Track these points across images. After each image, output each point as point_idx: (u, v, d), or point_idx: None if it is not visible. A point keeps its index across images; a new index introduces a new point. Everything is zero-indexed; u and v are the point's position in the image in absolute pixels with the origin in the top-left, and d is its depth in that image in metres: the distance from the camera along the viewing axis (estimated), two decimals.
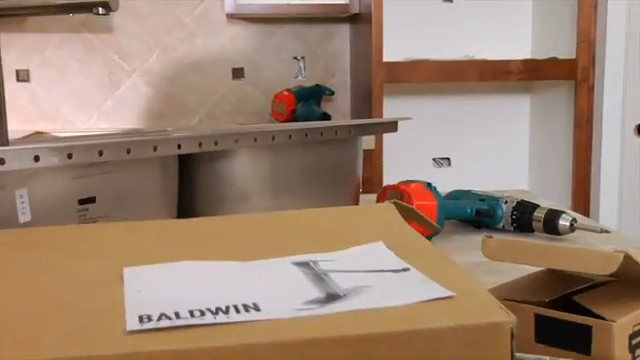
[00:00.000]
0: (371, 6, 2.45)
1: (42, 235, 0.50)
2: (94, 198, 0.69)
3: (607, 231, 1.06)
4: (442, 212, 1.08)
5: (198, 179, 0.84)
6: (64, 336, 0.32)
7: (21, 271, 0.42)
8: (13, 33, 2.80)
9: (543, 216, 1.10)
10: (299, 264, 0.41)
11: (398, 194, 1.09)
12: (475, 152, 2.92)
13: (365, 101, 2.61)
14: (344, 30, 2.90)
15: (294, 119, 2.63)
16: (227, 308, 0.34)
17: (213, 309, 0.34)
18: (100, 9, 0.93)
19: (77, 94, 2.86)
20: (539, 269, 0.65)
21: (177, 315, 0.34)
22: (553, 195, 2.69)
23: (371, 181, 2.44)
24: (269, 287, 0.37)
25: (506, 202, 1.14)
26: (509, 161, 2.95)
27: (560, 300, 0.58)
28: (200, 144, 0.77)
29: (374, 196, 1.15)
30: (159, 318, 0.33)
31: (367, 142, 2.43)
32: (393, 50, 2.66)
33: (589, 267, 0.54)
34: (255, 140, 0.84)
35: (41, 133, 2.79)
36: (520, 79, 2.49)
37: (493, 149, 2.94)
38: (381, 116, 2.44)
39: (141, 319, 0.33)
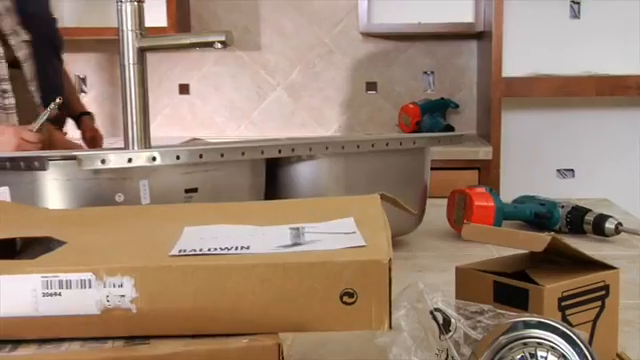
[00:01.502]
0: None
1: (147, 208, 0.76)
2: (197, 189, 0.95)
3: None
4: (500, 213, 1.26)
5: (282, 178, 1.08)
6: (130, 256, 0.56)
7: (127, 225, 0.67)
8: (178, 52, 3.19)
9: (592, 219, 1.25)
10: (292, 228, 0.63)
11: (463, 196, 1.28)
12: (600, 164, 2.98)
13: (488, 113, 2.76)
14: (472, 46, 3.06)
15: (419, 130, 2.83)
16: (231, 247, 0.57)
17: (223, 248, 0.57)
18: (218, 44, 1.19)
19: (229, 105, 3.21)
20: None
21: (201, 250, 0.57)
22: None
23: None
24: (264, 239, 0.60)
25: (562, 207, 1.30)
26: (636, 174, 2.98)
27: (519, 273, 0.76)
28: (279, 151, 1.01)
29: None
30: (190, 251, 0.57)
31: (485, 153, 2.59)
32: (518, 65, 2.80)
33: (528, 245, 0.73)
34: (326, 148, 1.07)
35: (197, 139, 3.16)
36: (639, 94, 2.55)
37: (618, 162, 2.98)
38: (499, 129, 2.58)
39: (179, 251, 0.57)
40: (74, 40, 3.03)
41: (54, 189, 0.87)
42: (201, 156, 0.93)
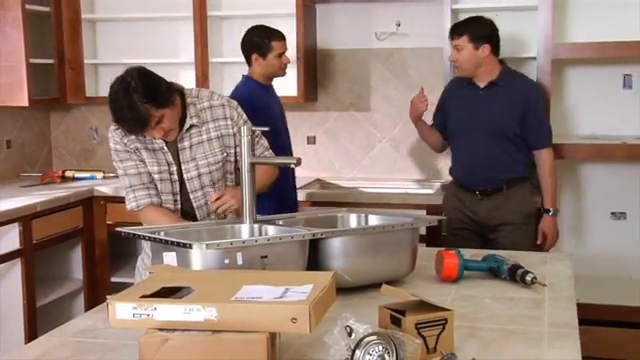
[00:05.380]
0: None
1: (232, 272, 1.65)
2: (267, 256, 1.81)
3: (545, 284, 1.93)
4: (462, 267, 2.03)
5: (320, 247, 1.92)
6: (216, 298, 1.44)
7: (221, 282, 1.55)
8: (307, 112, 4.10)
9: (520, 273, 1.99)
10: (285, 289, 1.48)
11: (440, 255, 2.06)
12: None
13: None
14: None
15: None
16: (255, 297, 1.43)
17: (252, 297, 1.44)
18: (292, 165, 2.05)
19: (345, 153, 4.09)
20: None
21: (243, 298, 1.44)
22: None
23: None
24: (270, 293, 1.45)
25: (507, 264, 2.04)
26: None
27: (404, 310, 1.56)
28: (313, 235, 1.86)
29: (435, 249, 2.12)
30: (240, 298, 1.44)
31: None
32: (582, 128, 3.48)
33: (401, 297, 1.54)
34: (343, 232, 1.91)
35: (320, 180, 4.06)
36: None
37: None
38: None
39: (235, 297, 1.44)
40: None
41: (197, 257, 1.77)
42: (269, 240, 1.80)
